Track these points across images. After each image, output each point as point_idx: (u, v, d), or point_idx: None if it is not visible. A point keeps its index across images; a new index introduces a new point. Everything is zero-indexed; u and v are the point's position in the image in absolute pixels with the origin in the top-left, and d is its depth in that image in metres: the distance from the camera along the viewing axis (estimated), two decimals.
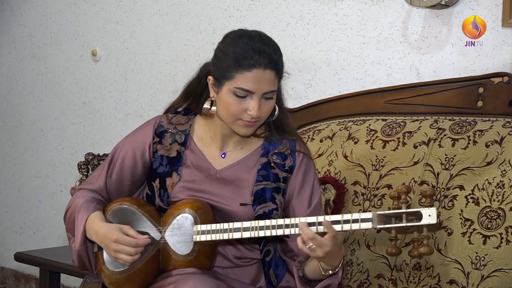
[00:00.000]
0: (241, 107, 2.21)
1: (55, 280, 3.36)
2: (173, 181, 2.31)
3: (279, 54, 2.23)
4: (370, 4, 3.07)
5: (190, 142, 2.35)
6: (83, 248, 2.31)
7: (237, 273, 2.31)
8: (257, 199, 2.27)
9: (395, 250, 2.06)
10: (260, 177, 2.30)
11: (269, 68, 2.19)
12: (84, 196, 2.35)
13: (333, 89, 3.17)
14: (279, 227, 2.13)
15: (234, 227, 2.17)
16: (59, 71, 4.20)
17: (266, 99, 2.22)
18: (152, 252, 2.25)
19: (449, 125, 2.67)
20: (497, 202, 2.44)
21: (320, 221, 2.10)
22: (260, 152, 2.34)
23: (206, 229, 2.20)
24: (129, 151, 2.36)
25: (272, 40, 2.25)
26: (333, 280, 2.20)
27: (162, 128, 2.37)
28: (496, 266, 2.39)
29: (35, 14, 4.28)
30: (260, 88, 2.19)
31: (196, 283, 2.12)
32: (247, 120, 2.22)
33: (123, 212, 2.29)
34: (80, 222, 2.29)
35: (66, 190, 4.16)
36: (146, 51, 3.83)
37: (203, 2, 3.60)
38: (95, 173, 2.43)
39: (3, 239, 4.52)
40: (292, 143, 2.35)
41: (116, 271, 2.25)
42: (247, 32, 2.25)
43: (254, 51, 2.18)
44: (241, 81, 2.18)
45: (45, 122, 4.28)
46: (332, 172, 2.83)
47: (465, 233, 2.47)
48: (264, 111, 2.23)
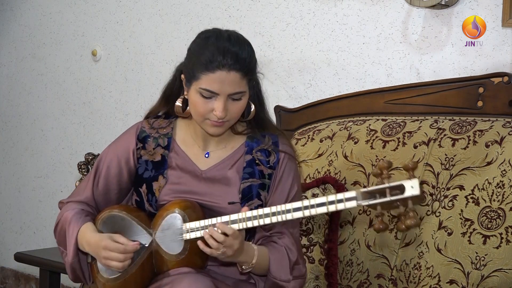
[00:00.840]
0: (207, 107, 2.21)
1: (55, 280, 3.36)
2: (159, 184, 2.31)
3: (248, 54, 2.21)
4: (370, 4, 3.07)
5: (174, 144, 2.36)
6: (76, 261, 2.32)
7: (231, 269, 2.32)
8: (244, 197, 2.28)
9: (382, 225, 2.05)
10: (246, 174, 2.30)
11: (234, 70, 2.17)
12: (73, 208, 2.35)
13: (333, 89, 3.17)
14: (266, 216, 2.12)
15: (222, 221, 2.17)
16: (59, 71, 4.20)
17: (234, 100, 2.21)
18: (145, 256, 2.25)
19: (449, 125, 2.67)
20: (497, 202, 2.44)
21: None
22: (244, 150, 2.34)
23: (195, 226, 2.20)
24: (114, 159, 2.37)
25: (243, 40, 2.23)
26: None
27: (144, 133, 2.37)
28: (496, 266, 2.39)
29: (35, 14, 4.28)
30: (224, 89, 2.18)
31: (191, 282, 2.12)
32: (214, 120, 2.22)
33: (113, 219, 2.29)
34: (72, 235, 2.30)
35: (66, 190, 4.16)
36: (146, 51, 3.83)
37: (203, 2, 3.60)
38: (81, 184, 2.44)
39: (3, 239, 4.52)
40: (274, 138, 2.35)
41: (111, 278, 2.26)
42: (217, 32, 2.24)
43: (219, 52, 2.17)
44: (205, 82, 2.18)
45: (45, 122, 4.28)
46: (332, 172, 2.83)
47: (465, 233, 2.47)
48: (232, 112, 2.22)
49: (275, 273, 2.26)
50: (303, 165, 2.90)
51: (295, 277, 2.29)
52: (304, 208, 2.09)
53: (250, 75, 2.22)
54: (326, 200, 2.07)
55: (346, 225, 2.74)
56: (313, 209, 2.08)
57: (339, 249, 2.72)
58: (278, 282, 2.26)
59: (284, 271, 2.27)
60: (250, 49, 2.22)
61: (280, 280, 2.26)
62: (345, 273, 2.70)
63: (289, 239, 2.31)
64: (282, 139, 2.37)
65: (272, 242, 2.29)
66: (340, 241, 2.73)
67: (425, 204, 2.58)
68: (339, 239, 2.73)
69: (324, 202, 2.07)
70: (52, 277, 3.34)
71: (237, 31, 2.27)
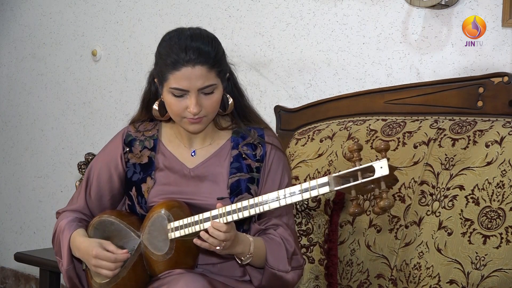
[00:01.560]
0: (181, 106, 2.22)
1: (55, 280, 3.36)
2: (148, 186, 2.32)
3: (212, 46, 2.22)
4: (370, 4, 3.07)
5: (160, 145, 2.37)
6: (71, 268, 2.34)
7: (228, 267, 2.32)
8: (233, 192, 2.28)
9: (358, 209, 2.04)
10: (234, 169, 2.31)
11: (198, 64, 2.18)
12: (67, 217, 2.38)
13: (333, 89, 3.17)
14: (244, 208, 2.12)
15: (204, 218, 2.17)
16: (59, 71, 4.20)
17: (206, 94, 2.22)
18: (135, 258, 2.26)
19: (449, 125, 2.67)
20: (497, 202, 2.44)
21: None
22: (230, 145, 2.34)
23: (179, 224, 2.20)
24: (103, 166, 2.39)
25: (206, 34, 2.24)
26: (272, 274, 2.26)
27: (130, 137, 2.39)
28: (496, 266, 2.39)
29: (35, 14, 4.28)
30: (193, 85, 2.19)
31: (188, 282, 2.13)
32: (190, 117, 2.23)
33: (103, 224, 2.31)
34: (65, 242, 2.32)
35: (66, 190, 4.16)
36: (146, 51, 3.83)
37: (203, 2, 3.60)
38: (75, 193, 2.46)
39: (3, 239, 4.52)
40: (260, 132, 2.36)
41: (103, 283, 2.27)
42: (179, 31, 2.26)
43: (181, 49, 2.18)
44: (174, 81, 2.20)
45: (45, 122, 4.28)
46: (332, 172, 2.82)
47: (465, 233, 2.47)
48: (207, 106, 2.23)
49: (272, 263, 2.25)
50: (303, 165, 2.90)
51: (293, 268, 2.29)
52: (280, 198, 2.09)
53: (218, 67, 2.23)
54: (301, 188, 2.07)
55: (346, 225, 2.74)
56: (288, 198, 2.08)
57: (339, 249, 2.72)
58: (276, 273, 2.26)
59: (282, 262, 2.27)
60: (214, 42, 2.24)
61: (278, 270, 2.26)
62: (345, 273, 2.70)
63: (285, 230, 2.31)
64: (268, 131, 2.38)
65: (268, 234, 2.30)
66: (340, 241, 2.73)
67: (425, 204, 2.58)
68: (339, 239, 2.73)
69: (298, 190, 2.07)
70: (52, 277, 3.34)
71: (200, 27, 2.29)
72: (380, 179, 1.99)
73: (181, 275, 2.18)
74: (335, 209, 2.72)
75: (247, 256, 2.21)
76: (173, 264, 2.23)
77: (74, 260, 2.34)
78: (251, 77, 3.40)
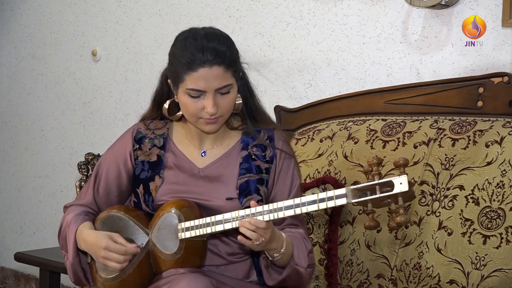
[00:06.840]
0: (198, 106, 2.22)
1: (55, 280, 3.36)
2: (156, 184, 2.32)
3: (228, 46, 2.22)
4: (370, 4, 3.07)
5: (170, 144, 2.37)
6: (77, 261, 2.33)
7: (231, 269, 2.32)
8: (242, 192, 2.28)
9: (373, 223, 2.05)
10: (243, 170, 2.31)
11: (215, 64, 2.19)
12: (74, 211, 2.38)
13: (333, 89, 3.17)
14: (259, 214, 2.13)
15: (216, 220, 2.17)
16: (59, 71, 4.20)
17: (222, 94, 2.22)
18: (142, 255, 2.25)
19: (449, 125, 2.67)
20: (497, 202, 2.44)
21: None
22: (240, 146, 2.34)
23: (190, 225, 2.20)
24: (112, 163, 2.39)
25: (220, 34, 2.25)
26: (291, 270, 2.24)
27: (140, 134, 2.39)
28: (496, 266, 2.39)
29: (35, 14, 4.28)
30: (210, 85, 2.19)
31: (190, 282, 2.12)
32: (207, 118, 2.23)
33: (111, 219, 2.31)
34: (71, 235, 2.32)
35: (66, 190, 4.16)
36: (146, 51, 3.83)
37: (203, 2, 3.60)
38: (83, 188, 2.46)
39: (3, 239, 4.52)
40: (270, 133, 2.36)
41: (109, 278, 2.27)
42: (194, 31, 2.25)
43: (197, 50, 2.18)
44: (190, 82, 2.20)
45: (45, 122, 4.28)
46: (332, 172, 2.83)
47: (465, 233, 2.47)
48: (224, 106, 2.24)
49: (297, 259, 2.25)
50: (303, 165, 2.90)
51: (309, 265, 2.30)
52: (295, 206, 2.10)
53: (234, 67, 2.23)
54: (317, 198, 2.07)
55: (346, 225, 2.74)
56: (304, 207, 2.10)
57: (339, 249, 2.72)
58: (298, 269, 2.26)
59: (304, 258, 2.27)
60: (229, 42, 2.24)
61: (301, 267, 2.26)
62: (345, 273, 2.70)
63: (303, 230, 2.33)
64: (278, 133, 2.38)
65: (290, 232, 2.29)
66: (340, 241, 2.74)
67: (425, 204, 2.58)
68: (339, 239, 2.73)
69: (314, 200, 2.08)
70: (52, 277, 3.34)
71: (214, 27, 2.29)
72: (398, 194, 2.00)
73: (183, 274, 2.18)
74: (335, 209, 2.72)
75: (281, 251, 2.20)
76: (180, 263, 2.23)
77: (80, 254, 2.33)
78: (251, 77, 3.40)
